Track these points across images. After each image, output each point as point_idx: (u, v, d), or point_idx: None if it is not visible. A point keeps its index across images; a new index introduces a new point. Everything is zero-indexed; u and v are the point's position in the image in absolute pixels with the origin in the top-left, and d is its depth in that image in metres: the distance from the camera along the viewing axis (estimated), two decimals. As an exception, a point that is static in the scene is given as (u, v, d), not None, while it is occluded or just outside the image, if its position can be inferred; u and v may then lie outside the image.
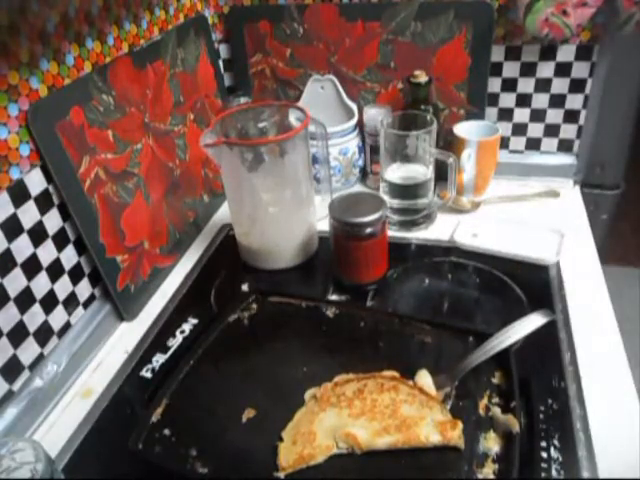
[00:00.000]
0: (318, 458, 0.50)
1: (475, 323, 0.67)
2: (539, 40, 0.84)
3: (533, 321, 0.58)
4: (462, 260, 0.78)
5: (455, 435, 0.50)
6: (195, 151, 0.87)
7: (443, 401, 0.54)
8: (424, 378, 0.56)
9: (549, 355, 0.61)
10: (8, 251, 0.56)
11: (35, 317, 0.60)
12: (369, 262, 0.72)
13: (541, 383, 0.57)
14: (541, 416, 0.53)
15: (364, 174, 0.98)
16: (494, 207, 0.89)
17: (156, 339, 0.69)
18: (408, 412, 0.53)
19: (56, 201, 0.62)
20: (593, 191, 0.94)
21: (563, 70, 0.87)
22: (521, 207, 0.88)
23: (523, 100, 0.91)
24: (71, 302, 0.66)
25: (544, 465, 0.49)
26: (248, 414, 0.56)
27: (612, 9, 0.77)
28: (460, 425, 0.51)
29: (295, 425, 0.53)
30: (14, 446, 0.43)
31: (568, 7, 0.76)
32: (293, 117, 0.76)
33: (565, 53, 0.85)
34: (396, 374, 0.57)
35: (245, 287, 0.75)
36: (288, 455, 0.51)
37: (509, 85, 0.90)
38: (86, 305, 0.69)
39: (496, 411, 0.53)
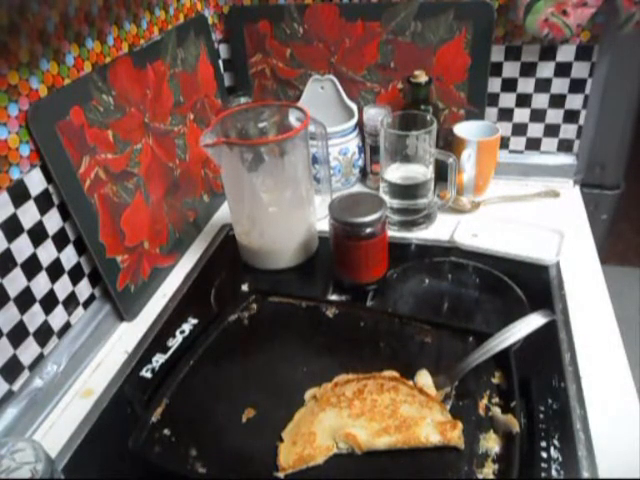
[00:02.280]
0: (318, 459, 0.50)
1: (475, 323, 0.68)
2: (539, 40, 0.84)
3: (533, 321, 0.58)
4: (462, 260, 0.78)
5: (455, 435, 0.50)
6: (195, 151, 0.87)
7: (443, 401, 0.54)
8: (424, 378, 0.56)
9: (549, 355, 0.62)
10: (8, 251, 0.56)
11: (35, 317, 0.60)
12: (369, 262, 0.72)
13: (541, 383, 0.57)
14: (541, 416, 0.53)
15: (364, 174, 0.98)
16: (494, 207, 0.89)
17: (156, 339, 0.69)
18: (408, 412, 0.53)
19: (56, 201, 0.62)
20: (593, 191, 0.94)
21: (563, 70, 0.87)
22: (521, 207, 0.88)
23: (523, 100, 0.91)
24: (71, 302, 0.66)
25: (544, 465, 0.49)
26: (248, 414, 0.56)
27: (612, 9, 0.77)
28: (460, 425, 0.51)
29: (295, 425, 0.53)
30: (14, 446, 0.43)
31: (568, 7, 0.76)
32: (293, 117, 0.76)
33: (565, 53, 0.85)
34: (396, 374, 0.57)
35: (245, 287, 0.75)
36: (288, 455, 0.51)
37: (509, 85, 0.90)
38: (86, 305, 0.69)
39: (496, 411, 0.53)
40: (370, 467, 0.50)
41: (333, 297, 0.73)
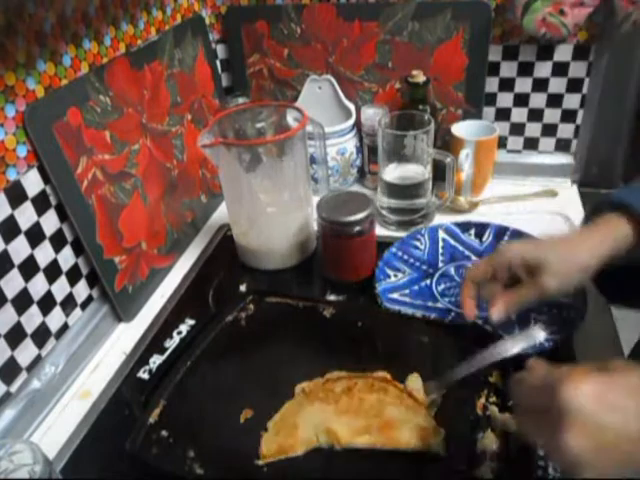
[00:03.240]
0: (298, 450, 0.51)
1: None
2: (536, 40, 0.84)
3: (533, 336, 0.57)
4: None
5: (435, 442, 0.50)
6: (193, 151, 0.87)
7: (428, 407, 0.54)
8: (415, 382, 0.56)
9: (547, 354, 0.61)
10: (5, 252, 0.56)
11: (33, 318, 0.60)
12: (357, 261, 0.72)
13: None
14: (539, 415, 0.53)
15: (362, 174, 0.98)
16: (492, 207, 0.89)
17: (154, 340, 0.69)
18: (393, 414, 0.53)
19: (53, 202, 0.62)
20: (591, 190, 0.94)
21: (560, 70, 0.87)
22: (519, 207, 0.88)
23: (520, 100, 0.91)
24: (69, 303, 0.66)
25: (541, 463, 0.49)
26: (246, 414, 0.56)
27: (609, 8, 0.77)
28: (442, 433, 0.50)
29: (281, 416, 0.54)
30: (12, 448, 0.43)
31: (565, 7, 0.76)
32: (291, 117, 0.76)
33: (562, 53, 0.86)
34: (387, 375, 0.57)
35: (243, 287, 0.75)
36: (270, 444, 0.51)
37: (506, 85, 0.90)
38: (84, 306, 0.69)
39: (493, 410, 0.53)
40: (362, 465, 0.50)
41: (331, 297, 0.73)
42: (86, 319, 0.69)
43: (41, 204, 0.60)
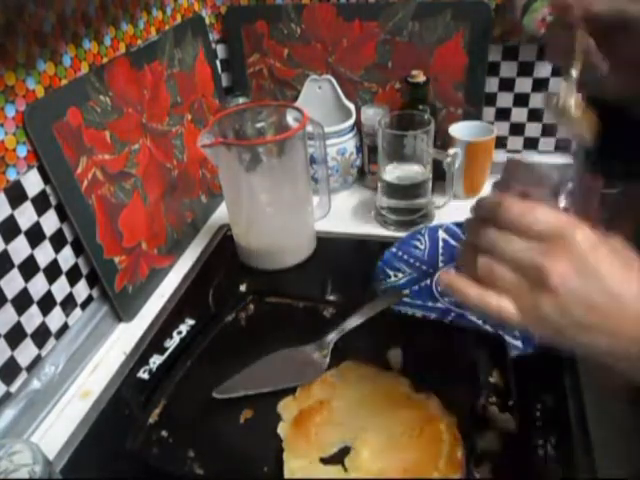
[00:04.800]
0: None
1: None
2: (536, 40, 0.84)
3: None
4: (460, 260, 0.78)
5: None
6: (193, 151, 0.87)
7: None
8: (395, 355, 0.60)
9: (546, 353, 0.61)
10: (5, 252, 0.56)
11: (32, 318, 0.60)
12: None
13: (538, 381, 0.57)
14: (538, 414, 0.53)
15: (362, 174, 0.98)
16: (492, 207, 0.89)
17: (154, 340, 0.69)
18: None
19: (53, 202, 0.62)
20: (591, 190, 0.94)
21: (560, 70, 0.87)
22: (519, 207, 0.88)
23: (520, 100, 0.91)
24: (69, 303, 0.66)
25: (541, 463, 0.49)
26: (246, 415, 0.56)
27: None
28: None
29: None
30: (12, 448, 0.43)
31: (565, 7, 0.76)
32: (291, 117, 0.76)
33: (562, 53, 0.85)
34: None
35: (243, 287, 0.75)
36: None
37: (506, 85, 0.90)
38: (84, 306, 0.69)
39: (493, 410, 0.53)
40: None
41: (331, 297, 0.73)
42: (86, 319, 0.69)
43: (41, 204, 0.60)
